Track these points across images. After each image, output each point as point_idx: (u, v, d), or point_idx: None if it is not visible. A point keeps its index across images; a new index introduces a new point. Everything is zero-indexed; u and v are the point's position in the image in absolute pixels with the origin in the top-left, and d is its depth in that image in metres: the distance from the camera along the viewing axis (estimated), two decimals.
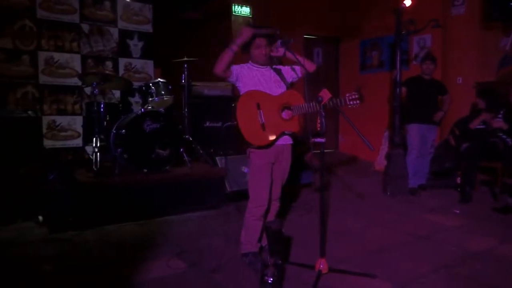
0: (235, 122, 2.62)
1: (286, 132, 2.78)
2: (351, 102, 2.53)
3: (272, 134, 2.69)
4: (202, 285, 2.58)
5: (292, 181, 5.04)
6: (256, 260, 2.75)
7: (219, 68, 2.68)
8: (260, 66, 2.84)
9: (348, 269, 2.69)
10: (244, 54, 2.88)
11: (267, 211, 2.84)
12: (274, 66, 2.88)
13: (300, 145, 5.12)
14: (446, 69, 5.94)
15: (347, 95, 2.56)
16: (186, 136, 4.79)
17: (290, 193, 4.76)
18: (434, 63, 5.01)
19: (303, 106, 2.69)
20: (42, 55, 5.26)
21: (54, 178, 4.06)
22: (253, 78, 2.80)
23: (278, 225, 2.45)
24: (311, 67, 2.82)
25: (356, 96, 2.51)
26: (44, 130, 5.23)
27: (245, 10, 6.64)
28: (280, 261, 2.40)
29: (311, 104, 2.62)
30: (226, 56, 2.67)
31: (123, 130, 4.01)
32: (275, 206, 2.94)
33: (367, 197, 4.90)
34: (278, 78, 2.83)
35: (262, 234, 2.86)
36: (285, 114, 2.74)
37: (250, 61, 2.90)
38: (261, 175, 2.75)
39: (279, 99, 2.74)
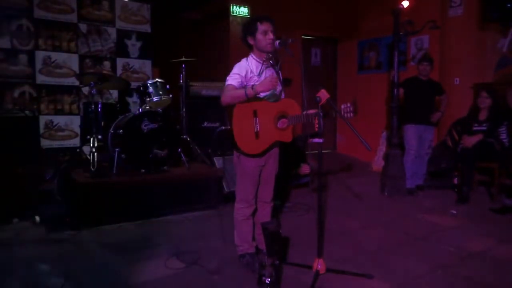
0: (229, 127, 2.56)
1: (279, 141, 2.73)
2: (346, 115, 2.56)
3: (264, 143, 2.63)
4: (200, 286, 2.58)
5: (290, 181, 5.07)
6: (253, 260, 2.75)
7: (225, 105, 2.59)
8: (265, 62, 2.70)
9: (346, 269, 2.69)
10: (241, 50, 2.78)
11: (255, 211, 2.84)
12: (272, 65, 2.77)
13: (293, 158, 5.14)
14: (443, 70, 5.96)
15: (343, 106, 2.58)
16: (184, 136, 4.79)
17: (287, 193, 4.76)
18: (431, 64, 5.02)
19: (299, 116, 2.64)
20: (40, 55, 5.25)
21: (51, 178, 4.06)
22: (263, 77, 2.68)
23: (276, 225, 2.45)
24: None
25: (351, 109, 2.56)
26: (41, 130, 5.22)
27: (243, 11, 6.64)
28: (277, 262, 2.41)
29: (304, 114, 2.60)
30: (238, 98, 2.55)
31: (121, 130, 4.01)
32: (268, 207, 2.90)
33: (364, 197, 4.90)
34: (278, 79, 2.74)
35: (254, 232, 2.86)
36: (281, 123, 2.67)
37: (252, 54, 2.73)
38: (250, 177, 2.73)
39: (277, 107, 2.67)
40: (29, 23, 5.14)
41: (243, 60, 2.72)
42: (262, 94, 2.63)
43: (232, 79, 2.61)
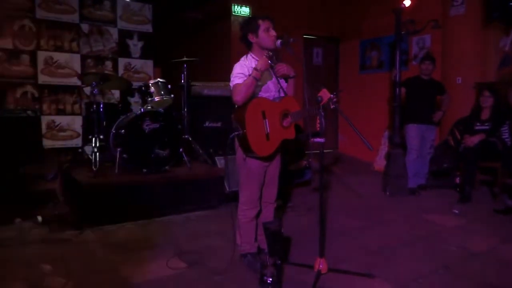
0: (242, 132, 2.50)
1: (285, 140, 2.74)
2: (333, 106, 2.56)
3: (274, 143, 2.64)
4: (202, 286, 2.58)
5: (291, 180, 5.07)
6: (254, 260, 2.75)
7: (242, 101, 2.51)
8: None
9: (348, 269, 2.69)
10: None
11: (259, 212, 2.83)
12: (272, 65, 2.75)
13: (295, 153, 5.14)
14: (445, 69, 5.94)
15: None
16: (186, 136, 4.79)
17: (289, 193, 4.76)
18: (433, 63, 5.02)
19: (299, 112, 2.68)
20: (42, 55, 5.27)
21: (53, 178, 4.07)
22: (264, 80, 2.69)
23: (277, 225, 2.45)
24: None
25: (335, 100, 2.57)
26: (44, 130, 5.24)
27: (244, 10, 6.64)
28: (279, 261, 2.41)
29: (306, 108, 2.62)
30: (250, 87, 2.50)
31: (123, 130, 4.01)
32: (272, 208, 2.91)
33: (366, 197, 4.90)
34: (276, 80, 2.75)
35: (257, 233, 2.86)
36: (286, 121, 2.69)
37: (251, 53, 2.71)
38: (256, 178, 2.73)
39: (280, 106, 2.68)
40: (31, 23, 5.16)
41: (242, 59, 2.70)
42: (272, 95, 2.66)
43: (238, 78, 2.59)
